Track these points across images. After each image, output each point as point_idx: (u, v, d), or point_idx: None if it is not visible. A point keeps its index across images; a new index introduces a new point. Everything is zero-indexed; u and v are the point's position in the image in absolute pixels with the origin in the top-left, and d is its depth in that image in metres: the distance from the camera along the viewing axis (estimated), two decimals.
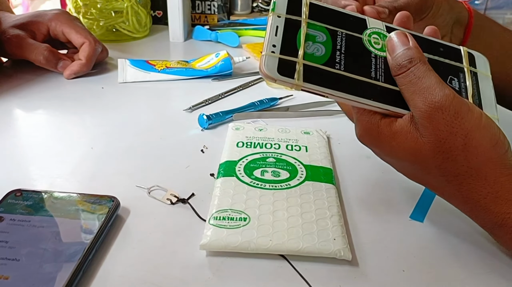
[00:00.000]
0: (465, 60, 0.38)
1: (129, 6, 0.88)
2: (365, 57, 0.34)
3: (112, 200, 0.39)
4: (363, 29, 0.36)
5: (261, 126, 0.53)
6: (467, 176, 0.32)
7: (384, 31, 0.36)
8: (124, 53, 0.83)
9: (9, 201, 0.38)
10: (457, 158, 0.31)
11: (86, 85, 0.68)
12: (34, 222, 0.36)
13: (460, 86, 0.36)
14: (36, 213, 0.37)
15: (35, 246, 0.33)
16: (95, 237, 0.35)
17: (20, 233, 0.34)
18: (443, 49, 0.37)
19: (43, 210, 0.37)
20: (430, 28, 0.38)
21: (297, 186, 0.42)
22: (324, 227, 0.37)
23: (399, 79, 0.33)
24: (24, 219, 0.36)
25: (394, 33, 0.35)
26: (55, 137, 0.53)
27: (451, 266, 0.35)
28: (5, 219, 0.36)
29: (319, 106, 0.62)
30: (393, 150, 0.34)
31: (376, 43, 0.35)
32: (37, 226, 0.35)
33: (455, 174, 0.32)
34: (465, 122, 0.31)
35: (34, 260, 0.32)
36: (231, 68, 0.73)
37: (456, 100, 0.31)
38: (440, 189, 0.35)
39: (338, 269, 0.34)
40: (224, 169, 0.44)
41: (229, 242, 0.35)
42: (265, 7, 1.09)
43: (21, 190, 0.39)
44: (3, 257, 0.32)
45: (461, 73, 0.37)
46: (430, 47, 0.37)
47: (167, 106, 0.64)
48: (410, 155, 0.33)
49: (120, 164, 0.48)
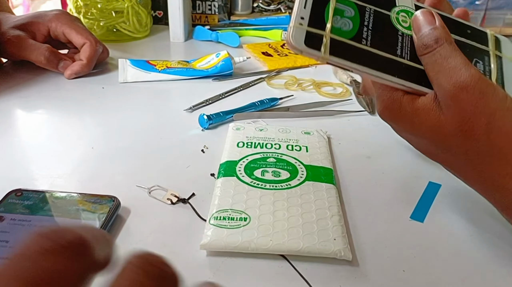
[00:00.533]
0: (492, 43, 0.38)
1: (129, 6, 0.88)
2: (391, 34, 0.34)
3: (112, 200, 0.39)
4: (391, 7, 0.36)
5: (262, 127, 0.53)
6: (488, 155, 0.31)
7: (413, 9, 0.36)
8: (125, 53, 0.83)
9: (10, 200, 0.38)
10: (480, 137, 0.31)
11: (86, 85, 0.68)
12: (34, 222, 0.36)
13: (485, 69, 0.36)
14: (36, 213, 0.37)
15: None
16: None
17: (20, 232, 0.34)
18: (470, 31, 0.37)
19: (44, 209, 0.37)
20: (460, 9, 0.37)
21: (297, 186, 0.42)
22: (325, 227, 0.37)
23: (425, 59, 0.33)
24: (24, 219, 0.36)
25: (420, 11, 0.34)
26: (55, 137, 0.53)
27: (451, 266, 0.35)
28: (6, 218, 0.36)
29: (319, 106, 0.62)
30: (414, 126, 0.33)
31: (404, 21, 0.35)
32: (37, 226, 0.35)
33: (476, 152, 0.32)
34: (490, 103, 0.30)
35: None
36: (232, 69, 0.73)
37: (482, 80, 0.31)
38: (457, 167, 0.35)
39: (338, 269, 0.34)
40: (224, 169, 0.44)
41: (230, 242, 0.35)
42: (265, 7, 1.09)
43: (22, 189, 0.39)
44: (4, 257, 0.32)
45: (486, 56, 0.37)
46: (458, 28, 0.37)
47: (168, 106, 0.64)
48: (431, 132, 0.33)
49: (121, 164, 0.48)
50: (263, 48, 0.85)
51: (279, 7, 1.09)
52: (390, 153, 0.52)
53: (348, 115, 0.60)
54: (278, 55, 0.81)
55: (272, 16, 1.03)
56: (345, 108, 0.62)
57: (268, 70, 0.76)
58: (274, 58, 0.80)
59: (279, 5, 1.10)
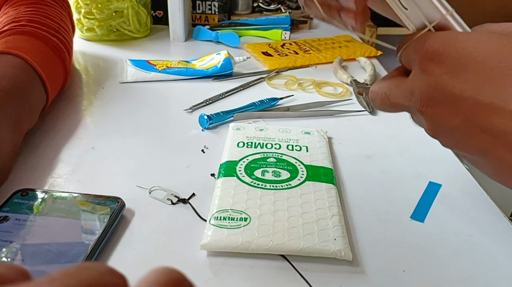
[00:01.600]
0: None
1: (129, 6, 0.88)
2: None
3: (117, 201, 0.39)
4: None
5: (262, 127, 0.53)
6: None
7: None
8: (125, 53, 0.83)
9: (15, 200, 0.38)
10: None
11: (86, 85, 0.68)
12: (39, 222, 0.36)
13: None
14: (41, 213, 0.37)
15: (40, 246, 0.33)
16: (99, 238, 0.35)
17: (24, 233, 0.34)
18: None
19: (48, 210, 0.37)
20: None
21: (297, 186, 0.42)
22: (325, 227, 0.37)
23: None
24: (29, 219, 0.36)
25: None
26: (55, 137, 0.53)
27: (451, 266, 0.35)
28: (11, 218, 0.36)
29: (319, 106, 0.63)
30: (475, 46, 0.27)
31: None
32: (42, 226, 0.35)
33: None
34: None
35: (38, 261, 0.32)
36: (232, 68, 0.73)
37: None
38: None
39: (338, 269, 0.34)
40: (224, 169, 0.44)
41: (230, 242, 0.35)
42: (265, 7, 1.09)
43: (27, 189, 0.39)
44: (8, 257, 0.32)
45: None
46: None
47: (168, 106, 0.64)
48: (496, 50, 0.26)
49: (121, 164, 0.48)
50: (263, 48, 0.85)
51: (279, 7, 1.09)
52: (390, 153, 0.52)
53: (348, 115, 0.60)
54: (278, 55, 0.81)
55: (272, 16, 1.03)
56: (345, 108, 0.62)
57: (268, 70, 0.76)
58: (274, 58, 0.80)
59: (279, 5, 1.10)
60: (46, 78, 0.53)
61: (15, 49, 0.52)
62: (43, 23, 0.61)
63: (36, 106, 0.52)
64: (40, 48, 0.57)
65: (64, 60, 0.62)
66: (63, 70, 0.61)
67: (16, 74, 0.49)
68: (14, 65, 0.50)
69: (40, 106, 0.53)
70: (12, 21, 0.59)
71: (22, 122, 0.47)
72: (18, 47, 0.53)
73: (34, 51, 0.54)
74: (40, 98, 0.53)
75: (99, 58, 0.82)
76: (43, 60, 0.55)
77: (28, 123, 0.49)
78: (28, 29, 0.58)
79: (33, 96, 0.51)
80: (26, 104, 0.49)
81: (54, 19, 0.64)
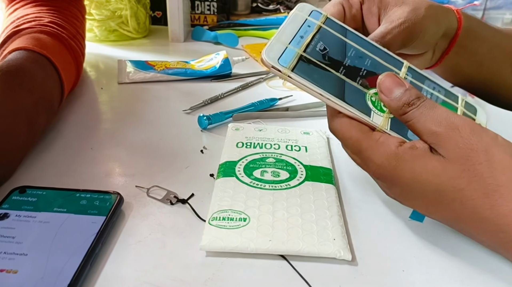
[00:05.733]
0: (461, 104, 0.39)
1: (128, 6, 0.88)
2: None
3: (116, 195, 0.39)
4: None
5: (261, 127, 0.53)
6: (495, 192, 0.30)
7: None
8: (124, 53, 0.83)
9: (13, 197, 0.38)
10: (483, 174, 0.31)
11: (85, 86, 0.68)
12: (39, 218, 0.36)
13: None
14: (40, 209, 0.37)
15: (42, 241, 0.34)
16: (101, 231, 0.35)
17: (26, 228, 0.35)
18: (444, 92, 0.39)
19: (48, 206, 0.37)
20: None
21: (297, 186, 0.42)
22: (324, 227, 0.37)
23: (409, 115, 0.34)
24: (29, 215, 0.36)
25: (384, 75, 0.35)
26: (55, 137, 0.53)
27: (451, 266, 0.35)
28: (11, 215, 0.36)
29: (318, 106, 0.62)
30: (415, 175, 0.32)
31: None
32: (42, 221, 0.35)
33: (484, 192, 0.31)
34: (483, 138, 0.31)
35: (41, 254, 0.32)
36: (231, 69, 0.73)
37: (470, 120, 0.32)
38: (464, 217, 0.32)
39: (338, 269, 0.34)
40: (223, 169, 0.44)
41: (229, 242, 0.35)
42: (264, 8, 1.09)
43: (25, 186, 0.39)
44: (11, 252, 0.32)
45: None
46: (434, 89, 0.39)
47: (167, 106, 0.64)
48: (435, 177, 0.32)
49: (120, 164, 0.48)
50: (262, 48, 0.85)
51: (278, 7, 1.09)
52: None
53: None
54: None
55: (271, 16, 1.03)
56: None
57: (267, 71, 0.76)
58: None
59: (278, 5, 1.10)
60: (64, 80, 0.55)
61: (40, 47, 0.53)
62: (63, 27, 0.62)
63: (54, 105, 0.53)
64: (61, 50, 0.58)
65: (79, 64, 0.64)
66: (76, 74, 0.62)
67: (42, 73, 0.51)
68: (38, 61, 0.52)
69: (57, 105, 0.54)
70: (34, 19, 0.61)
71: (40, 118, 0.48)
72: (42, 46, 0.54)
73: (57, 53, 0.56)
74: (57, 98, 0.54)
75: (98, 59, 0.82)
76: (64, 64, 0.57)
77: (46, 121, 0.51)
78: (50, 30, 0.59)
79: (52, 96, 0.52)
80: (46, 102, 0.50)
81: (74, 22, 0.66)
